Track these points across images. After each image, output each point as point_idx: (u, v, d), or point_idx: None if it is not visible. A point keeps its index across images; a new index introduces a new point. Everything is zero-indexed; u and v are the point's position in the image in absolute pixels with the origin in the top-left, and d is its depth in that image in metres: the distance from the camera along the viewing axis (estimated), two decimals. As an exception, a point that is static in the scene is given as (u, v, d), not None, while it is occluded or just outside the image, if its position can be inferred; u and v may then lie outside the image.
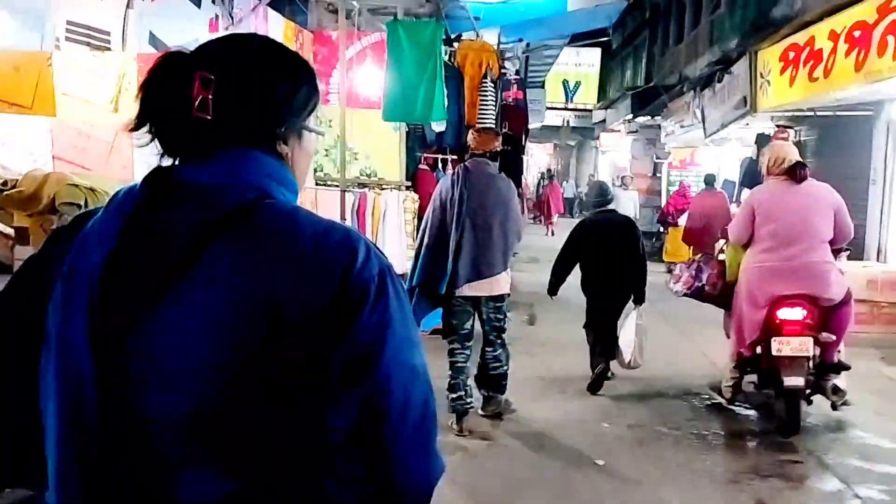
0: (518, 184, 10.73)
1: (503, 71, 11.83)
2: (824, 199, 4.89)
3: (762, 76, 8.85)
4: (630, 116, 17.31)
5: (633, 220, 6.53)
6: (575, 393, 5.81)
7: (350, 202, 7.43)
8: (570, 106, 27.05)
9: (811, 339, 4.74)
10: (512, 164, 10.54)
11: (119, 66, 5.50)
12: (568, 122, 28.04)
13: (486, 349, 4.90)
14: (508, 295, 5.01)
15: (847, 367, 5.03)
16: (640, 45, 20.09)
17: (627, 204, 13.27)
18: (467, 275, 4.68)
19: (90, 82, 5.51)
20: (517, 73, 12.13)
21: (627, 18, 19.32)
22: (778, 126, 11.06)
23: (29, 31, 5.61)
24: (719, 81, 10.42)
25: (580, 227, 6.19)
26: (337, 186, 7.51)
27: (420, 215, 7.50)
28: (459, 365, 4.78)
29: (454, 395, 4.72)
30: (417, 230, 7.25)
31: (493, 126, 7.89)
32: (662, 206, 14.83)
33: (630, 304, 5.77)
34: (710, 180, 12.48)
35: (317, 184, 7.56)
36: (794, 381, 4.69)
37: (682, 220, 12.73)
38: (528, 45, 16.45)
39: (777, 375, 4.76)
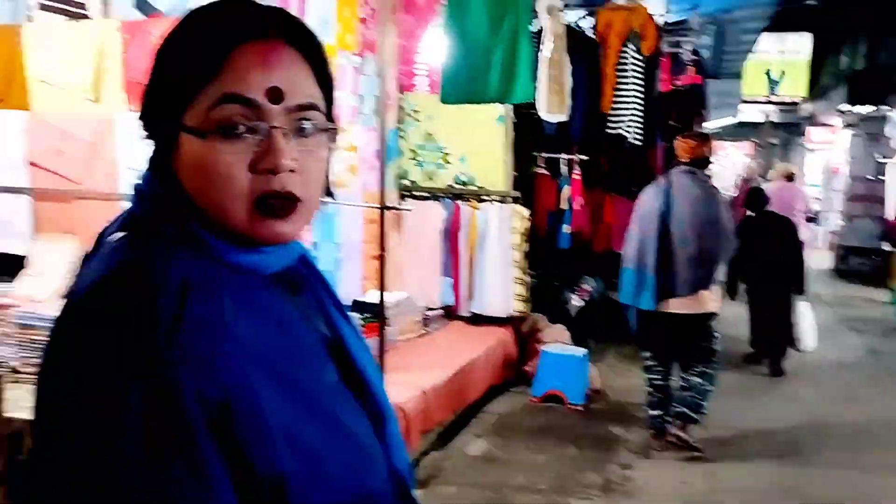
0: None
1: (677, 51, 9.59)
2: None
3: None
4: (847, 107, 14.00)
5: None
6: None
7: (440, 219, 5.66)
8: (774, 99, 23.97)
9: None
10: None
11: (97, 38, 4.10)
12: (770, 117, 24.48)
13: (689, 370, 4.52)
14: (716, 314, 4.52)
15: None
16: (864, 13, 16.49)
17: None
18: (671, 291, 4.37)
19: (65, 63, 4.17)
20: (695, 52, 9.68)
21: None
22: None
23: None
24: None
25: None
26: (426, 197, 5.78)
27: (532, 235, 5.58)
28: (657, 383, 4.59)
29: (653, 413, 4.61)
30: (528, 257, 5.35)
31: (641, 120, 5.78)
32: (891, 217, 11.72)
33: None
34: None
35: (402, 196, 5.84)
36: None
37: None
38: (719, 29, 14.01)
39: None
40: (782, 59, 23.02)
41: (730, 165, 29.79)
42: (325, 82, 0.85)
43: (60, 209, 4.36)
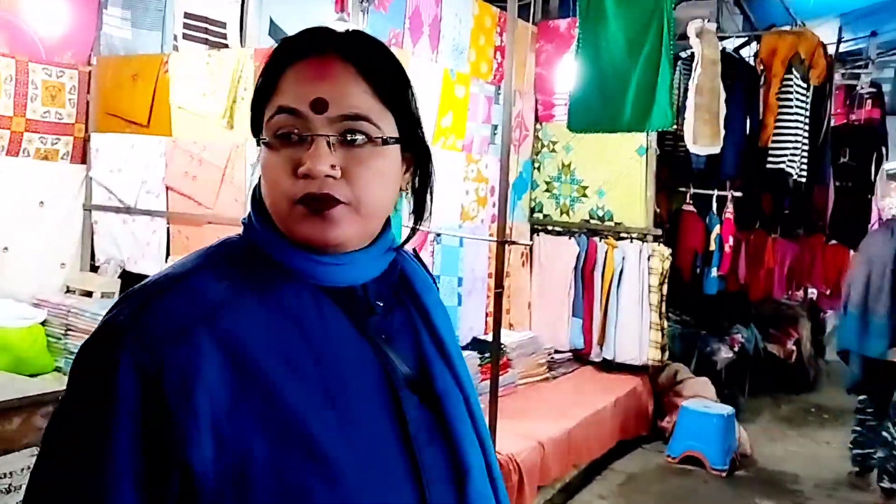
0: (861, 232, 7.64)
1: (852, 83, 8.74)
2: None
3: None
4: None
5: None
6: None
7: (573, 256, 5.33)
8: None
9: None
10: (853, 205, 7.47)
11: (233, 66, 4.18)
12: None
13: None
14: None
15: None
16: None
17: None
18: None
19: (204, 90, 4.29)
20: (873, 84, 8.77)
21: None
22: None
23: (148, 29, 4.58)
24: None
25: None
26: (560, 232, 5.48)
27: (676, 278, 5.12)
28: (869, 424, 4.47)
29: (857, 451, 4.54)
30: (666, 300, 4.92)
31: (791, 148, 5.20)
32: None
33: None
34: None
35: (534, 230, 5.58)
36: None
37: None
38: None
39: None
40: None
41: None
42: (392, 97, 0.87)
43: (192, 232, 4.46)
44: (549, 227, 5.51)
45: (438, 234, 4.38)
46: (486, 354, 4.37)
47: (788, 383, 6.75)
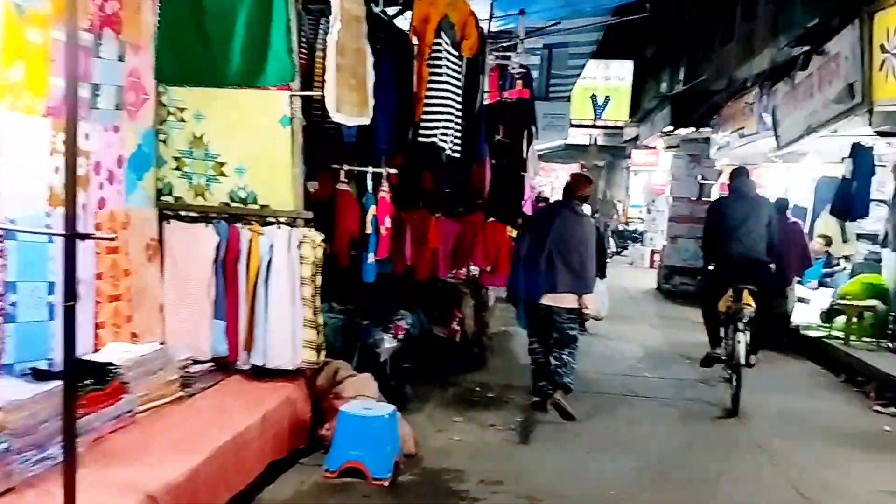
0: (516, 209, 7.79)
1: (504, 63, 8.94)
2: None
3: (884, 50, 5.74)
4: (669, 128, 14.10)
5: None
6: None
7: (212, 246, 4.48)
8: (599, 123, 25.09)
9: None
10: (509, 182, 7.60)
11: None
12: (596, 140, 25.20)
13: (557, 352, 5.76)
14: (581, 310, 5.79)
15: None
16: (682, 40, 16.94)
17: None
18: (549, 288, 5.67)
19: None
20: (523, 67, 9.04)
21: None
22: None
23: None
24: (804, 69, 7.28)
25: None
26: (195, 218, 4.59)
27: (334, 265, 4.54)
28: (539, 360, 5.88)
29: (539, 384, 5.84)
30: (320, 293, 4.29)
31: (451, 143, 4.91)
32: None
33: None
34: (782, 206, 9.46)
35: (163, 217, 4.60)
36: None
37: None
38: (549, 52, 13.85)
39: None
40: (607, 84, 23.91)
41: (559, 185, 30.44)
42: None
43: None
44: (182, 213, 4.56)
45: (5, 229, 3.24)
46: (90, 381, 3.37)
47: (455, 364, 6.64)
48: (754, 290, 6.16)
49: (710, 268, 6.94)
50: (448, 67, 4.93)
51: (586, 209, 6.23)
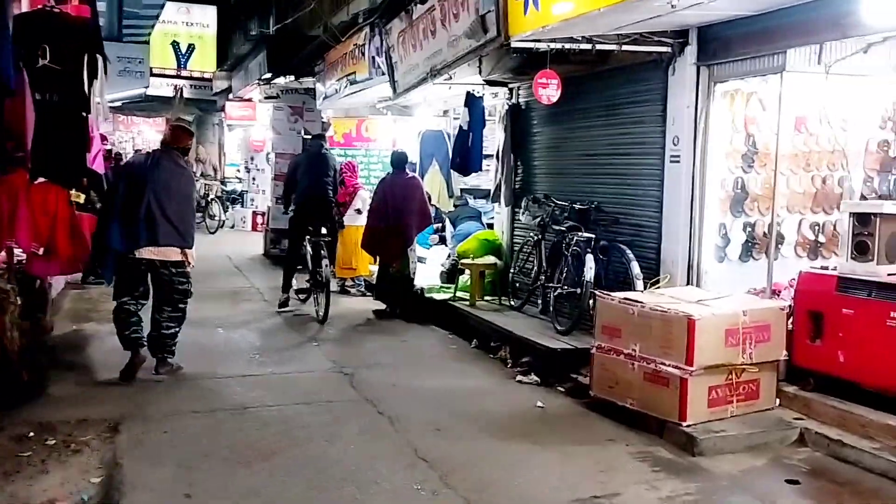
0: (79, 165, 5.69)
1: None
2: None
3: (521, -22, 5.06)
4: (267, 75, 12.60)
5: None
6: None
7: None
8: (185, 73, 22.69)
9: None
10: (64, 127, 5.43)
11: None
12: (182, 91, 22.65)
13: (161, 312, 5.66)
14: (187, 264, 5.71)
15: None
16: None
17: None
18: (150, 241, 5.48)
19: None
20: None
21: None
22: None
23: None
24: (423, 1, 6.38)
25: None
26: None
27: None
28: (129, 309, 5.62)
29: (133, 336, 5.56)
30: None
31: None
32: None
33: None
34: (400, 161, 8.79)
35: None
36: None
37: (356, 218, 9.45)
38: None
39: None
40: (189, 31, 21.58)
41: (143, 143, 27.16)
42: None
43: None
44: None
45: None
46: None
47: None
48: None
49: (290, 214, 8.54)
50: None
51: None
